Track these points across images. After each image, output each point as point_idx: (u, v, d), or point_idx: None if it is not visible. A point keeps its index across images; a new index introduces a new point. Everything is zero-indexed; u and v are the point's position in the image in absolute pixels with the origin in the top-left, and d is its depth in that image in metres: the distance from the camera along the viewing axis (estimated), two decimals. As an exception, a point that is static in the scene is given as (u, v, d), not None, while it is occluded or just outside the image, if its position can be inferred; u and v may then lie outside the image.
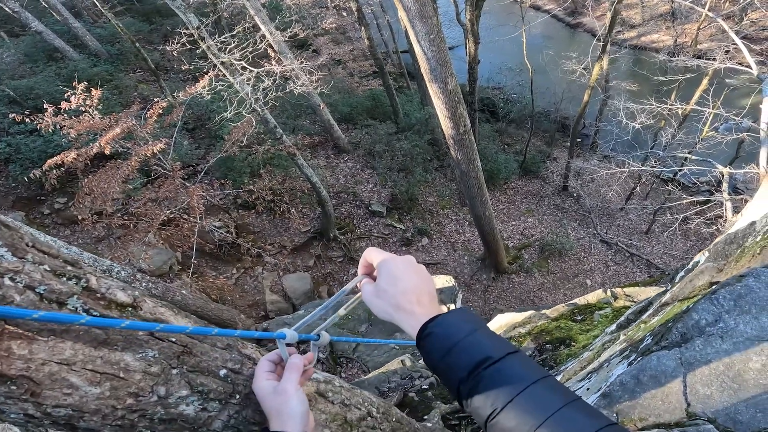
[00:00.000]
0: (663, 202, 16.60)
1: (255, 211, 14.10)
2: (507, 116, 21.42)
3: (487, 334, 1.02)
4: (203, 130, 16.21)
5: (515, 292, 14.63)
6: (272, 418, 1.17)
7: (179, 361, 1.07)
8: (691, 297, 2.27)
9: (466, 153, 9.55)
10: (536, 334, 4.35)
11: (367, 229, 15.55)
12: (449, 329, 1.01)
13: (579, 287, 14.94)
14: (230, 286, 12.51)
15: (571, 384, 2.47)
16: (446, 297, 8.39)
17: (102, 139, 8.36)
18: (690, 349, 1.70)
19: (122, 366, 0.95)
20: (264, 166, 13.53)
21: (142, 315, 1.03)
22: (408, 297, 1.10)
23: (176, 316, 1.14)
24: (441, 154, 17.59)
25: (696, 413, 1.56)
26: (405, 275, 1.13)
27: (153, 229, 9.65)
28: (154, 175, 10.62)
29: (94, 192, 8.99)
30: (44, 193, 13.02)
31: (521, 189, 18.60)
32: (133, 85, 17.68)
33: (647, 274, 15.38)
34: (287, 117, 17.53)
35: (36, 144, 12.39)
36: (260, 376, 1.22)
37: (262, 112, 10.28)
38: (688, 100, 14.95)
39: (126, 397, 0.97)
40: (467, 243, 15.90)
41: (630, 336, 2.46)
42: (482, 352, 0.95)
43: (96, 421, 0.96)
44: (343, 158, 17.28)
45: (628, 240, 16.82)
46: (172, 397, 1.05)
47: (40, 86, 14.41)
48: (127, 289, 1.03)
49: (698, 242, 16.53)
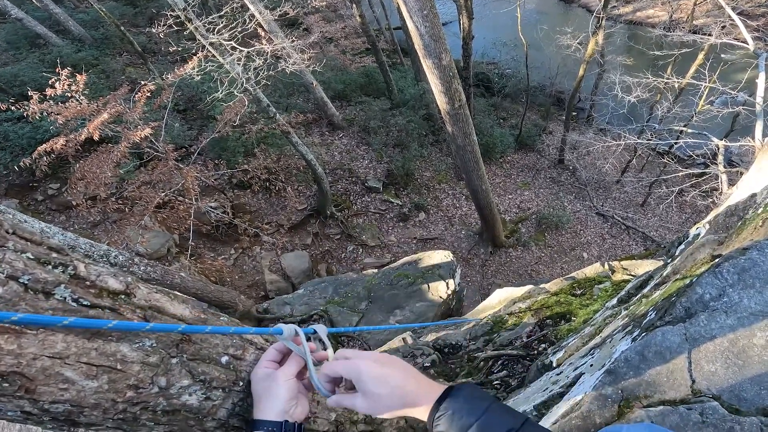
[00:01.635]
0: (658, 174, 16.63)
1: (251, 191, 13.90)
2: (502, 91, 21.32)
3: (500, 407, 1.04)
4: (195, 111, 15.99)
5: (513, 266, 14.66)
6: (256, 403, 1.16)
7: (178, 350, 1.03)
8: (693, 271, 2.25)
9: (462, 127, 9.50)
10: (536, 309, 4.34)
11: (363, 205, 15.51)
12: (466, 406, 1.02)
13: (576, 261, 14.99)
14: (229, 267, 12.50)
15: (573, 360, 2.46)
16: (444, 272, 8.38)
17: (90, 125, 8.22)
18: (695, 325, 1.68)
19: (119, 357, 0.92)
20: (258, 145, 13.44)
21: (136, 302, 0.99)
22: (405, 389, 1.09)
23: (173, 302, 1.10)
24: (436, 129, 17.50)
25: (701, 390, 1.55)
26: (387, 371, 1.11)
27: (148, 212, 9.52)
28: (147, 158, 10.50)
29: (86, 177, 8.88)
30: (36, 179, 12.86)
31: (517, 162, 18.55)
32: (121, 69, 17.36)
33: (643, 247, 15.44)
34: (280, 96, 17.32)
35: (24, 131, 12.22)
36: (261, 363, 1.21)
37: (254, 91, 10.15)
38: (684, 75, 14.87)
39: (126, 390, 0.93)
40: (464, 217, 15.90)
41: (632, 311, 2.44)
42: (504, 425, 0.97)
43: (97, 416, 0.93)
44: (338, 135, 17.16)
45: (624, 213, 16.85)
46: (174, 387, 1.02)
47: (25, 73, 14.22)
48: (119, 276, 0.98)
49: (693, 215, 16.60)
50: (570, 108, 17.92)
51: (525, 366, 3.43)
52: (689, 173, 13.72)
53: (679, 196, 15.82)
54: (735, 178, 10.10)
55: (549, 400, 2.02)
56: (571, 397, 1.83)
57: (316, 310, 8.25)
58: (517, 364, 3.53)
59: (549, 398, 2.03)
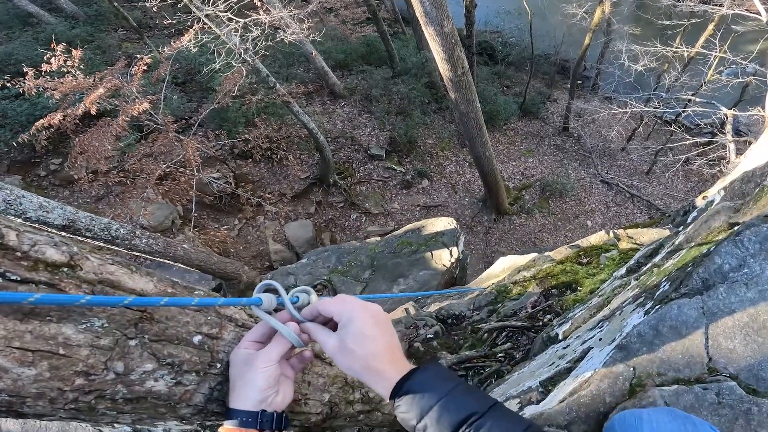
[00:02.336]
0: (665, 143, 16.40)
1: (252, 160, 14.00)
2: (506, 59, 20.98)
3: (466, 389, 0.98)
4: (194, 83, 15.93)
5: (516, 234, 14.60)
6: (231, 389, 1.07)
7: (138, 330, 0.90)
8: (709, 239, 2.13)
9: (465, 94, 9.40)
10: (541, 278, 4.24)
11: (366, 172, 15.45)
12: (428, 387, 0.97)
13: (580, 228, 14.92)
14: (233, 237, 12.56)
15: (581, 333, 2.36)
16: (448, 240, 8.30)
17: (87, 99, 8.24)
18: (713, 297, 1.57)
19: (60, 341, 0.79)
20: (258, 115, 13.36)
21: (82, 276, 0.84)
22: (381, 357, 1.03)
23: (133, 275, 0.95)
24: (439, 96, 17.30)
25: (717, 368, 1.44)
26: (376, 334, 1.05)
27: (150, 184, 9.56)
28: (148, 131, 10.51)
29: (86, 151, 8.89)
30: (38, 155, 13.00)
31: (521, 130, 18.35)
32: (117, 45, 17.32)
33: (648, 216, 15.34)
34: (280, 66, 17.16)
35: (23, 108, 12.33)
36: (242, 342, 1.09)
37: (253, 62, 10.07)
38: (693, 45, 14.58)
39: (73, 378, 0.81)
40: (468, 184, 15.80)
41: (643, 281, 2.33)
42: (466, 409, 0.92)
43: (43, 407, 0.81)
44: (339, 104, 17.01)
45: (629, 180, 16.69)
46: (135, 372, 0.89)
47: (19, 51, 14.19)
48: (61, 245, 0.83)
49: (699, 183, 16.43)
50: (575, 76, 17.63)
51: (530, 338, 3.35)
52: (696, 142, 13.52)
53: (685, 165, 15.63)
54: (743, 147, 10.03)
55: (556, 375, 1.92)
56: (579, 374, 1.73)
57: (320, 280, 8.20)
58: (521, 335, 3.45)
59: (556, 374, 1.93)
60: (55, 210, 5.63)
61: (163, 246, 7.66)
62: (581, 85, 20.93)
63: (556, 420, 1.54)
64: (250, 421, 1.02)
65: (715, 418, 1.34)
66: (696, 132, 17.46)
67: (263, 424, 1.03)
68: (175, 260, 8.06)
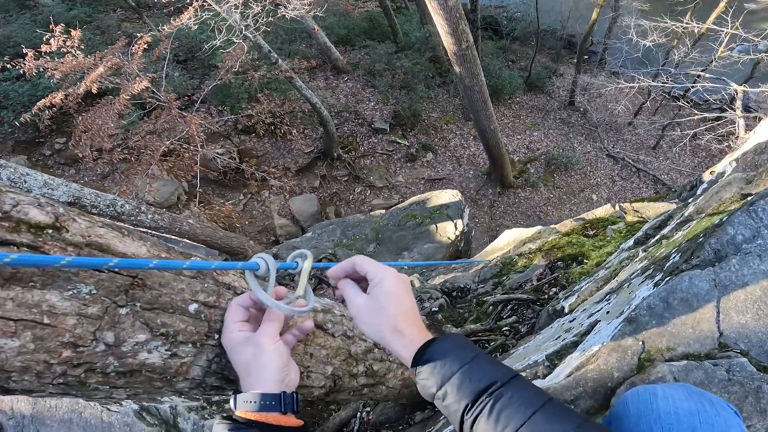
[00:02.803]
0: (672, 117, 16.23)
1: (256, 135, 13.99)
2: (511, 34, 20.71)
3: (488, 359, 0.96)
4: (195, 61, 15.88)
5: (521, 207, 14.58)
6: (242, 375, 1.02)
7: (129, 297, 0.85)
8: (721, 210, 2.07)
9: (469, 68, 9.37)
10: (547, 250, 4.20)
11: (370, 146, 15.43)
12: (450, 355, 0.95)
13: (585, 202, 14.87)
14: (238, 212, 12.63)
15: (587, 306, 2.32)
16: (452, 212, 8.27)
17: (88, 78, 8.28)
18: (725, 269, 1.52)
19: (45, 309, 0.74)
20: (261, 90, 13.29)
21: (68, 238, 0.79)
22: (408, 320, 1.02)
23: (124, 239, 0.89)
24: (443, 71, 17.16)
25: (728, 344, 1.40)
26: (405, 295, 1.06)
27: (155, 160, 9.66)
28: (150, 108, 10.58)
29: (90, 129, 9.02)
30: (42, 135, 13.11)
31: (526, 104, 18.18)
32: (117, 25, 17.32)
33: (653, 190, 15.24)
34: (282, 42, 17.06)
35: (24, 89, 12.47)
36: (230, 326, 1.03)
37: (254, 38, 10.10)
38: (704, 21, 14.33)
39: (60, 349, 0.77)
40: (472, 157, 15.75)
41: (652, 253, 2.27)
42: (488, 378, 0.90)
43: (30, 381, 0.77)
44: (342, 79, 16.90)
45: (635, 155, 16.53)
46: (127, 344, 0.85)
47: (18, 33, 14.22)
48: (46, 206, 0.78)
49: (707, 158, 16.25)
50: (582, 51, 17.41)
51: (535, 311, 3.32)
52: (705, 117, 13.36)
53: (693, 140, 15.50)
54: (752, 123, 9.92)
55: (562, 349, 1.88)
56: (586, 348, 1.69)
57: (325, 253, 8.19)
58: (527, 309, 3.42)
59: (562, 348, 1.89)
60: (60, 187, 5.62)
61: (169, 221, 7.66)
62: (588, 60, 20.64)
63: (563, 395, 1.50)
64: (273, 405, 0.98)
65: (725, 395, 1.30)
66: (705, 108, 17.15)
67: (286, 406, 1.00)
68: (180, 235, 8.08)
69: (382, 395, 1.76)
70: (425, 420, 2.48)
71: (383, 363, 1.65)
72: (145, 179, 10.05)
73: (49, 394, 0.84)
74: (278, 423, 0.97)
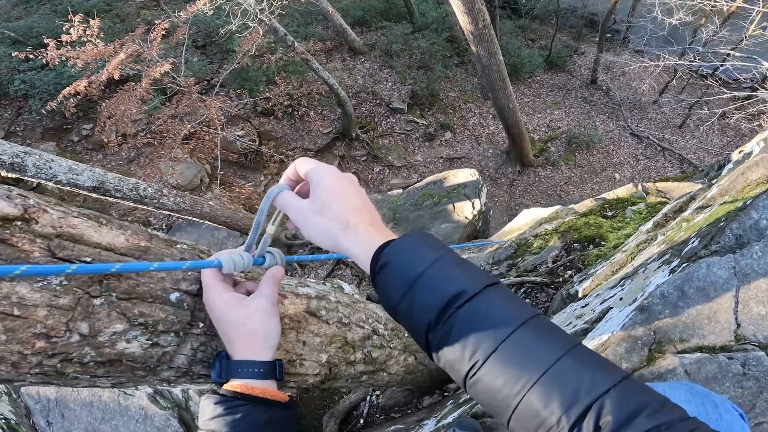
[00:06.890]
0: (700, 96, 15.86)
1: (275, 117, 14.16)
2: (530, 12, 20.42)
3: (456, 262, 0.78)
4: (213, 46, 16.12)
5: (541, 186, 14.50)
6: (237, 341, 0.94)
7: (103, 288, 0.83)
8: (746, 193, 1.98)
9: (487, 47, 9.34)
10: (564, 231, 4.12)
11: (389, 126, 15.47)
12: (409, 256, 0.77)
13: (607, 181, 14.68)
14: (259, 194, 12.72)
15: (601, 291, 2.26)
16: (470, 192, 8.23)
17: (109, 65, 8.44)
18: (746, 257, 1.44)
19: (14, 301, 0.72)
20: (278, 73, 13.34)
21: (38, 230, 0.77)
22: (357, 214, 0.86)
23: (100, 228, 0.86)
24: (461, 50, 17.07)
25: (746, 336, 1.33)
26: (353, 190, 0.90)
27: (177, 144, 9.86)
28: (171, 93, 10.73)
29: (114, 115, 9.28)
30: (69, 122, 13.62)
31: (547, 82, 17.95)
32: (135, 12, 17.56)
33: (679, 170, 14.93)
34: (298, 25, 17.16)
35: (49, 78, 12.75)
36: (216, 286, 0.95)
37: (270, 21, 10.23)
38: (733, -1, 13.95)
39: (33, 340, 0.75)
40: (491, 136, 15.67)
41: (670, 236, 2.18)
42: (454, 286, 0.72)
43: (7, 371, 0.76)
44: (359, 60, 16.90)
45: (661, 134, 16.20)
46: (103, 334, 0.83)
47: (39, 24, 14.50)
48: (15, 198, 0.76)
49: (736, 138, 15.85)
50: (604, 29, 17.09)
51: (549, 295, 3.27)
52: (734, 96, 13.05)
53: (722, 119, 15.17)
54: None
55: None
56: (596, 336, 1.64)
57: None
58: (541, 292, 3.36)
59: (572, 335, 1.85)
60: (84, 172, 5.67)
61: (190, 204, 7.74)
62: (610, 38, 20.23)
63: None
64: (266, 372, 0.93)
65: (738, 390, 1.24)
66: (734, 87, 16.76)
67: (281, 373, 0.96)
68: (202, 217, 8.16)
69: (383, 382, 1.74)
70: (433, 405, 2.47)
71: (383, 350, 1.62)
72: (168, 163, 10.40)
73: (29, 383, 0.84)
74: (275, 398, 0.93)
